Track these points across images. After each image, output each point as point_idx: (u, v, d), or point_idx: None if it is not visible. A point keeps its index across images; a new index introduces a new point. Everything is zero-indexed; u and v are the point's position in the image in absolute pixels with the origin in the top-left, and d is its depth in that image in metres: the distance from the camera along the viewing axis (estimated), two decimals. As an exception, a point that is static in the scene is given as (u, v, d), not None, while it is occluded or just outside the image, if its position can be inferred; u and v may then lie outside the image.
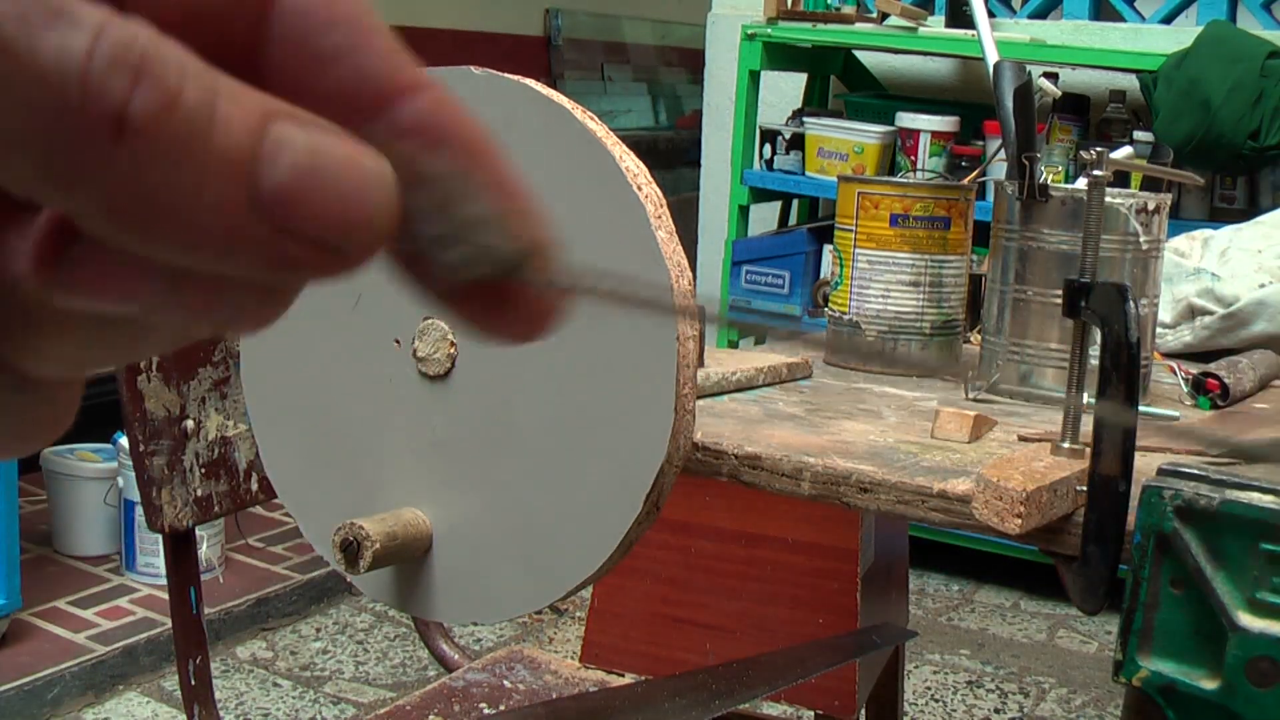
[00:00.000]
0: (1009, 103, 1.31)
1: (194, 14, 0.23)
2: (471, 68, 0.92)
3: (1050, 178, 1.73)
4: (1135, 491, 0.89)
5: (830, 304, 1.45)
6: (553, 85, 1.07)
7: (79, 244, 0.23)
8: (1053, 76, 2.84)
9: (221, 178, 0.22)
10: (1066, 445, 1.04)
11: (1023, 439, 1.15)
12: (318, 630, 2.89)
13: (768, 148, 3.20)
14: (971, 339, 1.52)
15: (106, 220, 0.21)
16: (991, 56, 1.57)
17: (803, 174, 3.15)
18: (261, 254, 0.22)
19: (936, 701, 2.68)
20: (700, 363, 1.22)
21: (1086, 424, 1.02)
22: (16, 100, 0.20)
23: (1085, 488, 0.93)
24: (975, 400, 1.29)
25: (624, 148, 0.90)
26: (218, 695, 1.47)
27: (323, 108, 0.23)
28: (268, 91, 0.23)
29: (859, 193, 1.40)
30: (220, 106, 0.22)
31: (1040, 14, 3.22)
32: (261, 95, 0.22)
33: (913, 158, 3.03)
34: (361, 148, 0.23)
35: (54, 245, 0.23)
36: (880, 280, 1.39)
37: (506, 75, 0.92)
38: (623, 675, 1.63)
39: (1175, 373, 1.42)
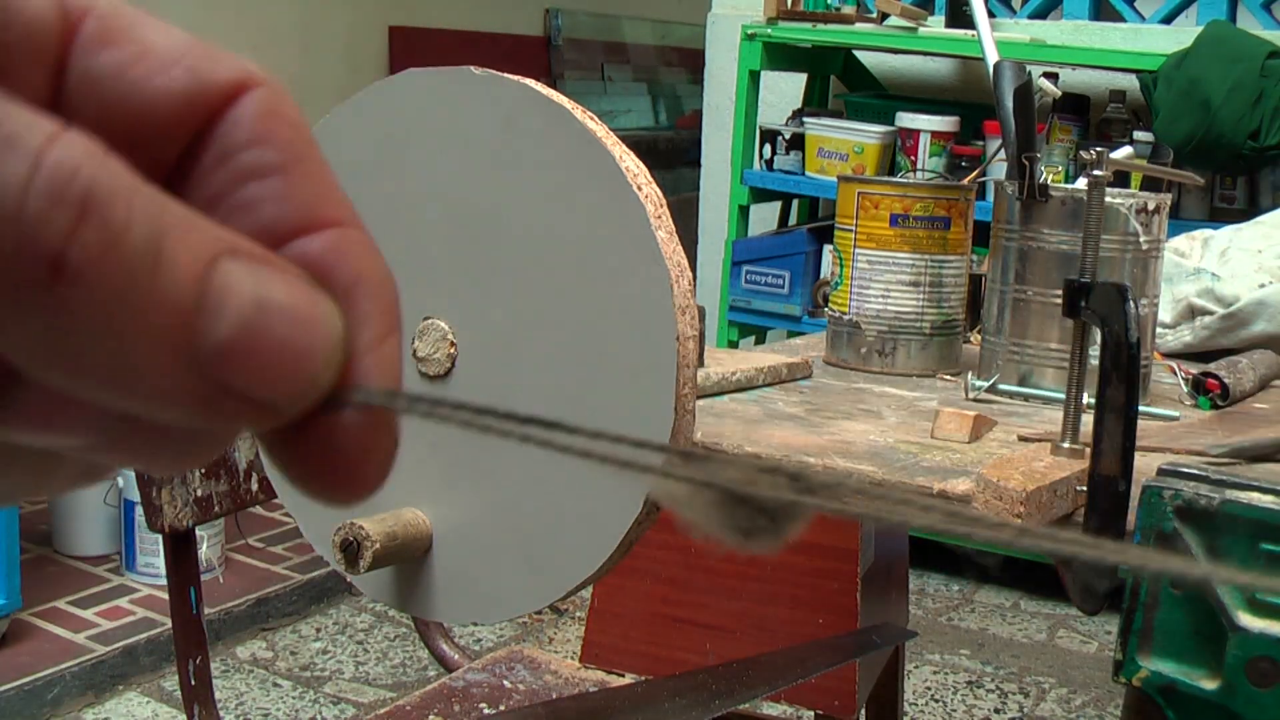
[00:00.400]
0: (1009, 103, 1.31)
1: (141, 121, 0.22)
2: (471, 68, 0.92)
3: (1050, 178, 1.73)
4: (1135, 491, 0.89)
5: (830, 304, 1.45)
6: (553, 85, 1.07)
7: (17, 381, 0.21)
8: (1053, 76, 2.84)
9: (162, 329, 0.20)
10: (1066, 445, 1.04)
11: (1023, 439, 1.15)
12: (318, 630, 2.89)
13: (768, 148, 3.20)
14: (971, 339, 1.52)
15: (39, 363, 0.20)
16: (991, 56, 1.57)
17: (803, 174, 3.15)
18: (197, 406, 0.21)
19: (936, 701, 2.68)
20: (700, 363, 1.22)
21: (1086, 424, 1.02)
22: None
23: (1085, 488, 0.93)
24: (975, 400, 1.29)
25: (624, 148, 0.90)
26: (218, 695, 1.47)
27: (235, 221, 0.22)
28: (186, 196, 0.21)
29: (859, 193, 1.40)
30: (167, 246, 0.20)
31: (1040, 14, 3.22)
32: (210, 227, 0.21)
33: (913, 158, 3.03)
34: (309, 291, 0.22)
35: None
36: (880, 280, 1.39)
37: (506, 75, 0.92)
38: (623, 675, 1.63)
39: (1175, 373, 1.42)
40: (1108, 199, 1.20)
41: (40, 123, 0.19)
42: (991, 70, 1.40)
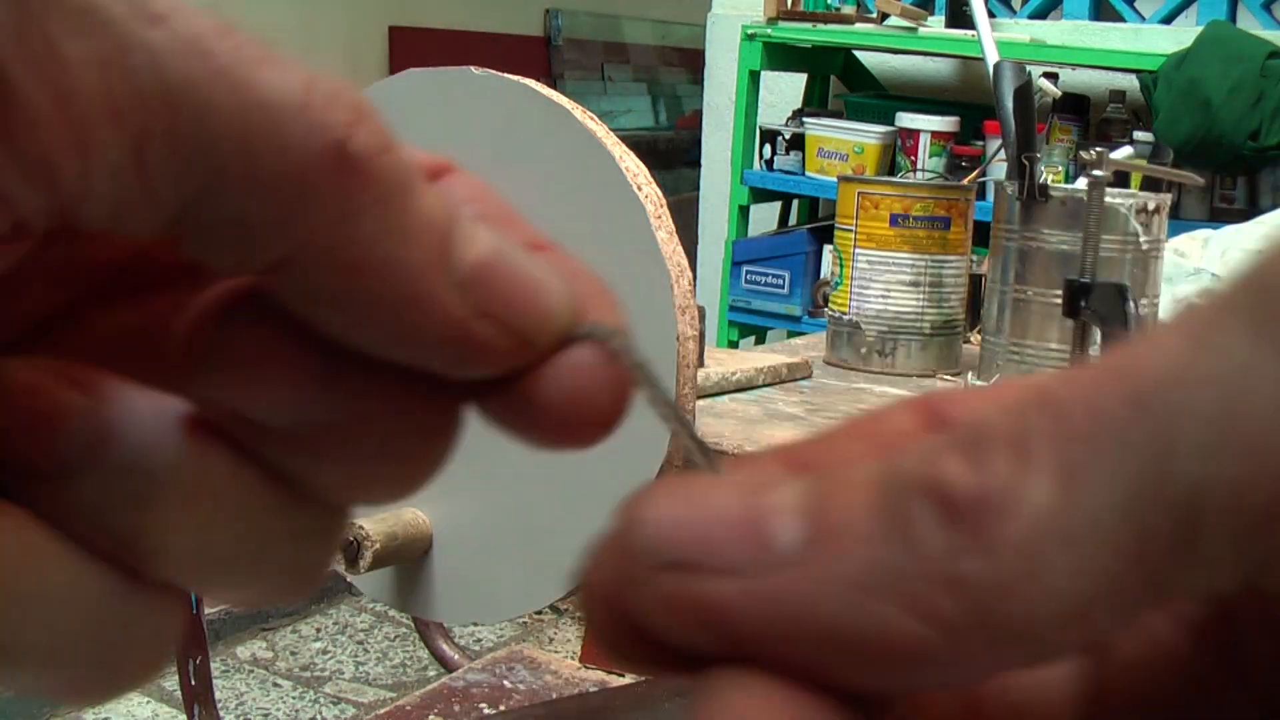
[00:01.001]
0: (1009, 103, 1.31)
1: None
2: (471, 68, 0.92)
3: (1050, 178, 1.73)
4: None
5: (830, 304, 1.45)
6: (553, 85, 1.07)
7: (239, 321, 0.22)
8: (1053, 76, 2.84)
9: (426, 239, 0.21)
10: (1066, 445, 1.04)
11: (1023, 439, 1.15)
12: (318, 630, 2.89)
13: (768, 148, 3.20)
14: (971, 339, 1.52)
15: (315, 269, 0.20)
16: (991, 56, 1.57)
17: (803, 174, 3.15)
18: (453, 325, 0.21)
19: (936, 701, 2.69)
20: (700, 363, 1.22)
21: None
22: (235, 128, 0.19)
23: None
24: (975, 400, 1.29)
25: (624, 148, 0.90)
26: (218, 695, 1.47)
27: None
28: None
29: (859, 193, 1.40)
30: (419, 175, 0.21)
31: (1040, 14, 3.22)
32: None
33: (913, 158, 3.03)
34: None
35: (215, 317, 0.22)
36: (880, 280, 1.39)
37: (506, 75, 0.92)
38: (623, 675, 1.63)
39: (1175, 373, 1.42)
40: (1108, 199, 1.20)
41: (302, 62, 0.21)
42: (991, 70, 1.40)
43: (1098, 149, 1.17)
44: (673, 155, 5.09)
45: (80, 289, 0.23)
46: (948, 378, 1.40)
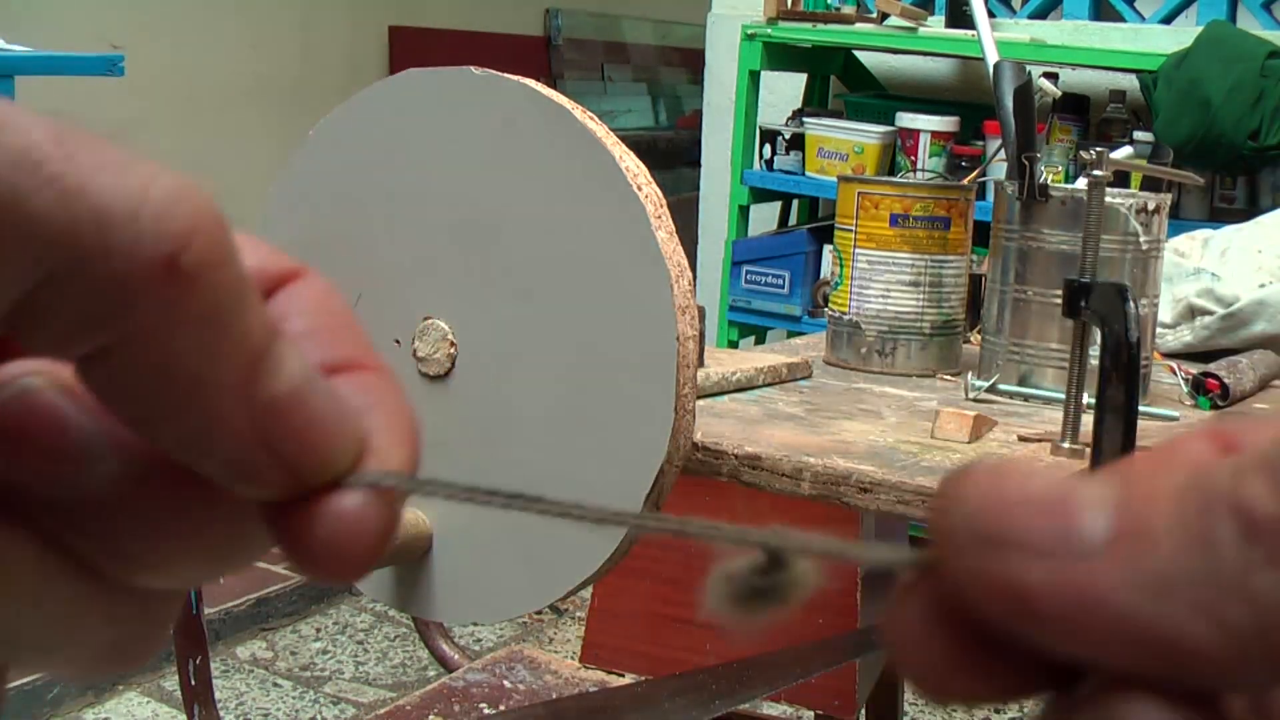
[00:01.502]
0: (1009, 103, 1.31)
1: None
2: (471, 68, 0.92)
3: (1050, 178, 1.73)
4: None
5: (830, 304, 1.45)
6: (553, 85, 1.07)
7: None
8: (1053, 76, 2.84)
9: (234, 362, 0.22)
10: (1066, 445, 1.04)
11: (1023, 439, 1.15)
12: (318, 630, 2.89)
13: (768, 148, 3.20)
14: (971, 339, 1.52)
15: (126, 367, 0.21)
16: (991, 56, 1.57)
17: (803, 174, 3.15)
18: (236, 450, 0.22)
19: (936, 701, 2.68)
20: (700, 363, 1.22)
21: (1086, 424, 1.02)
22: (67, 235, 0.20)
23: (1085, 488, 0.93)
24: (975, 400, 1.29)
25: (624, 148, 0.90)
26: (218, 695, 1.47)
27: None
28: None
29: (859, 193, 1.40)
30: (249, 293, 0.22)
31: (1040, 14, 3.22)
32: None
33: (913, 158, 3.03)
34: (339, 392, 0.24)
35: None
36: (880, 280, 1.39)
37: (506, 75, 0.92)
38: (623, 675, 1.63)
39: (1175, 373, 1.42)
40: (1108, 199, 1.20)
41: (144, 160, 0.21)
42: (991, 70, 1.40)
43: (1098, 149, 1.17)
44: (673, 155, 5.08)
45: None
46: (948, 378, 1.40)
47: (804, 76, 3.42)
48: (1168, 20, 3.09)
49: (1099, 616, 0.20)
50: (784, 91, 3.47)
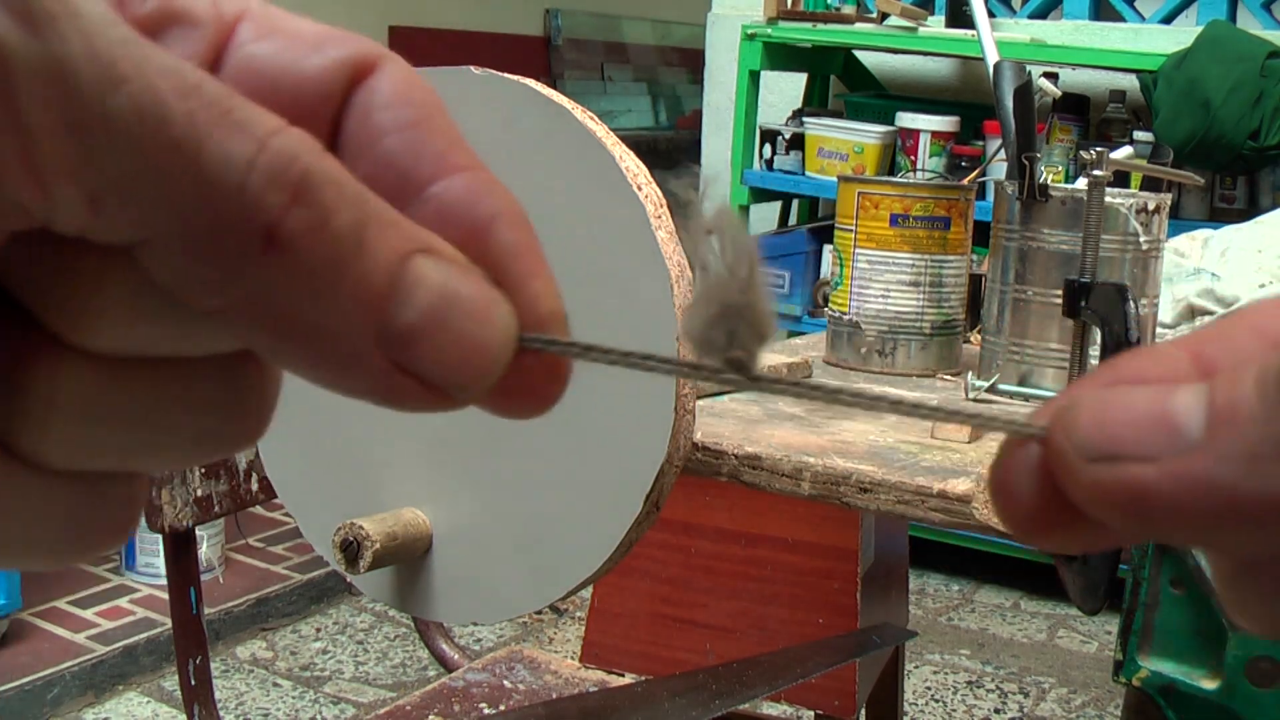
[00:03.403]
0: (1009, 103, 1.31)
1: (298, 97, 0.24)
2: (471, 68, 0.92)
3: (1050, 178, 1.73)
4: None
5: (830, 304, 1.45)
6: (553, 85, 1.07)
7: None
8: (1053, 76, 2.84)
9: (356, 305, 0.22)
10: (1066, 445, 1.04)
11: (1023, 439, 1.15)
12: (318, 630, 2.89)
13: (768, 148, 3.20)
14: (971, 339, 1.52)
15: (246, 321, 0.22)
16: (991, 56, 1.57)
17: (803, 174, 3.15)
18: (376, 381, 0.23)
19: (936, 701, 2.68)
20: (700, 363, 1.22)
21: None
22: (180, 198, 0.21)
23: (1085, 488, 0.93)
24: (975, 400, 1.29)
25: (624, 148, 0.90)
26: (218, 695, 1.47)
27: (378, 172, 0.24)
28: (337, 157, 0.23)
29: (859, 193, 1.40)
30: (368, 235, 0.22)
31: (1040, 14, 3.22)
32: (409, 226, 0.23)
33: (913, 158, 3.03)
34: (491, 291, 0.24)
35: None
36: (880, 280, 1.39)
37: (506, 75, 0.92)
38: (623, 675, 1.63)
39: (1175, 373, 1.42)
40: (1108, 199, 1.20)
41: (267, 116, 0.22)
42: (991, 70, 1.40)
43: (1098, 149, 1.17)
44: (673, 155, 5.08)
45: None
46: (948, 378, 1.40)
47: (804, 76, 3.42)
48: (1168, 20, 3.09)
49: (1210, 495, 0.22)
50: (784, 91, 3.47)
